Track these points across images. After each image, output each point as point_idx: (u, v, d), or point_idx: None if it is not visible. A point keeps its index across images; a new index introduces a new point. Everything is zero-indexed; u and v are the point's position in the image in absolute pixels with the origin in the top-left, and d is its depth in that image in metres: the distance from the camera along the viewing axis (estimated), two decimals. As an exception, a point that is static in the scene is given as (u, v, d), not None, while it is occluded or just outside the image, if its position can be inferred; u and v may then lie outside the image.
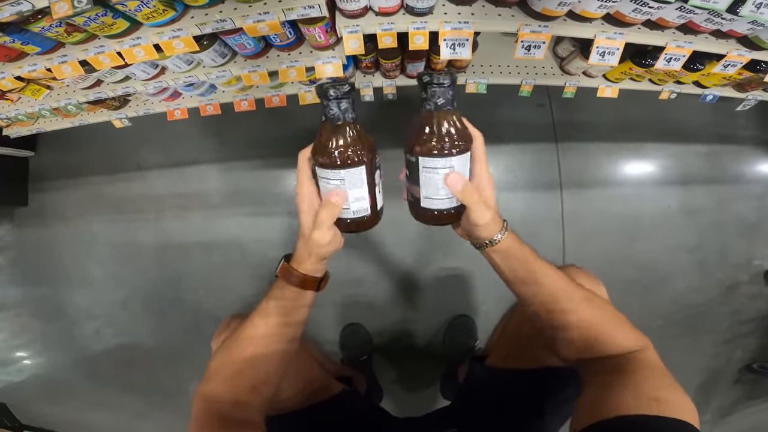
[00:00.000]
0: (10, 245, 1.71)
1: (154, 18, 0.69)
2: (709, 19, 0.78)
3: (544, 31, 0.79)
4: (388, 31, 0.84)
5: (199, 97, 1.21)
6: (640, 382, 0.51)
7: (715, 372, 1.64)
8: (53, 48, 0.82)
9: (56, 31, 0.73)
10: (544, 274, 0.58)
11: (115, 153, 1.63)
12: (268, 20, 0.73)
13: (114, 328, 1.65)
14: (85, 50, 0.79)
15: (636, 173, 1.59)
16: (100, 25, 0.68)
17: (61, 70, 0.84)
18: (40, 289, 1.69)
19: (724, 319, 1.63)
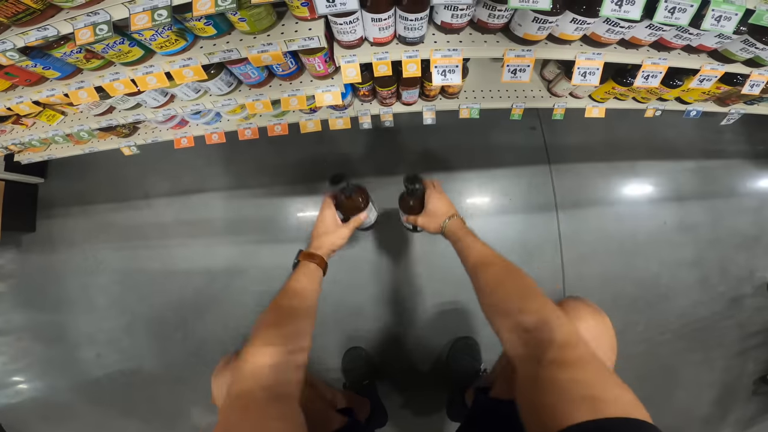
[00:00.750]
0: (15, 271, 1.73)
1: (167, 47, 0.75)
2: (678, 35, 0.84)
3: (528, 54, 0.85)
4: (383, 60, 0.90)
5: (205, 126, 1.27)
6: (567, 382, 0.48)
7: (730, 385, 1.62)
8: (72, 74, 0.88)
9: (77, 57, 0.79)
10: (470, 248, 0.80)
11: (123, 181, 1.68)
12: (271, 51, 0.79)
13: (116, 352, 1.64)
14: (101, 77, 0.85)
15: (629, 191, 1.63)
16: (117, 52, 0.75)
17: (78, 95, 0.90)
18: (44, 314, 1.69)
19: (731, 332, 1.62)
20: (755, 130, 1.72)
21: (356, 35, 0.82)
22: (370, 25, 0.78)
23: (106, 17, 0.63)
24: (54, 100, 1.03)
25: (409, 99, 1.23)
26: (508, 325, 0.62)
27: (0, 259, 1.73)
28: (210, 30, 0.74)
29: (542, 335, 0.56)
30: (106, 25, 0.63)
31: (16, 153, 1.45)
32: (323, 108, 1.27)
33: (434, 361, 1.51)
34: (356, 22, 0.77)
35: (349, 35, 0.82)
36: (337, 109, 1.27)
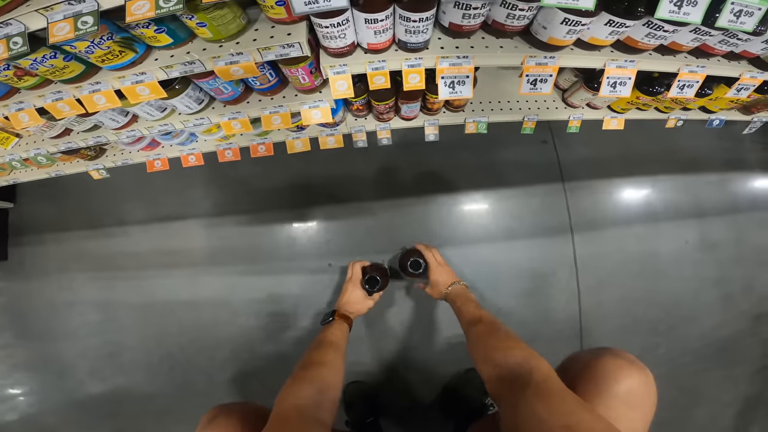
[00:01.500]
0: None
1: (110, 60, 0.61)
2: (723, 40, 0.72)
3: (551, 62, 0.72)
4: (380, 70, 0.77)
5: (180, 147, 1.13)
6: (546, 413, 0.54)
7: (752, 399, 1.52)
8: (8, 93, 0.74)
9: (5, 75, 0.65)
10: (465, 311, 0.96)
11: (96, 206, 1.54)
12: (243, 61, 0.65)
13: (100, 378, 1.51)
14: (41, 96, 0.71)
15: (648, 209, 1.50)
16: (49, 68, 0.60)
17: (18, 118, 0.75)
18: (21, 340, 1.57)
19: (754, 349, 1.53)
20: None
21: (346, 41, 0.69)
22: (364, 27, 0.64)
23: (20, 28, 0.49)
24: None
25: (409, 114, 1.10)
26: (492, 367, 0.70)
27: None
28: (164, 38, 0.60)
29: (522, 372, 0.63)
30: (20, 37, 0.49)
31: (-22, 178, 1.31)
32: (312, 125, 1.13)
33: (439, 394, 1.39)
34: (346, 25, 0.63)
35: (338, 41, 0.68)
36: (328, 126, 1.14)
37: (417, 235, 1.39)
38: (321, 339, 0.95)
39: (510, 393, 0.61)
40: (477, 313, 0.90)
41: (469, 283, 1.42)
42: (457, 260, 1.37)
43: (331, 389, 0.77)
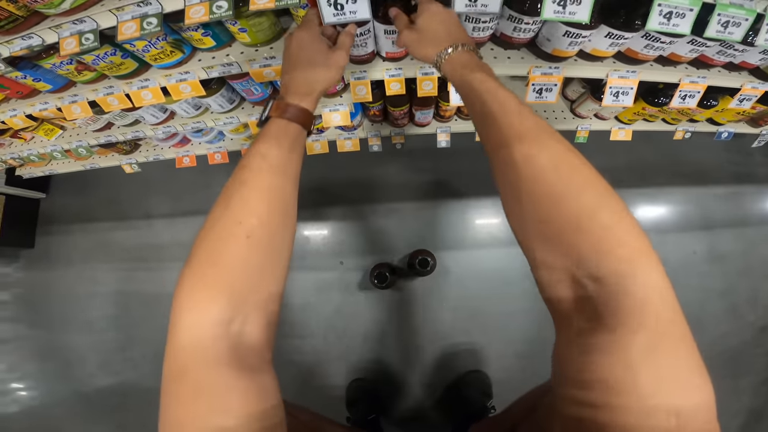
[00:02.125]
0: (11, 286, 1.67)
1: (162, 59, 0.69)
2: (721, 51, 0.76)
3: (556, 72, 0.78)
4: (396, 77, 0.84)
5: (208, 144, 1.21)
6: (650, 383, 0.30)
7: (756, 411, 1.50)
8: (64, 86, 0.83)
9: (67, 69, 0.73)
10: (499, 102, 0.45)
11: (124, 199, 1.63)
12: (275, 65, 0.73)
13: (109, 371, 1.56)
14: (94, 90, 0.80)
15: (656, 219, 1.52)
16: (108, 64, 0.69)
17: (71, 110, 0.84)
18: (37, 331, 1.63)
19: (759, 360, 1.51)
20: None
21: (367, 49, 0.76)
22: (383, 38, 0.72)
23: (93, 25, 0.57)
24: (47, 114, 0.98)
25: (423, 120, 1.16)
26: (560, 264, 0.36)
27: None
28: (208, 41, 0.68)
29: (630, 298, 0.32)
30: (92, 34, 0.57)
31: (17, 167, 1.41)
32: (331, 128, 1.21)
33: (441, 393, 1.40)
34: (368, 35, 0.70)
35: (360, 49, 0.75)
36: (346, 130, 1.21)
37: (426, 238, 1.44)
38: (241, 166, 0.47)
39: (596, 328, 0.33)
40: (534, 123, 0.42)
41: (476, 286, 1.46)
42: (465, 264, 1.41)
43: (262, 301, 0.42)
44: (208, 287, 0.39)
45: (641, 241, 0.34)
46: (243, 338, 0.39)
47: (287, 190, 0.48)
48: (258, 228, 0.42)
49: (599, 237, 0.34)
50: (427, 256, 1.23)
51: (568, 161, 0.39)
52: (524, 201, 0.39)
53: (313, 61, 0.56)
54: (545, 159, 0.39)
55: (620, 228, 0.35)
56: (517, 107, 0.44)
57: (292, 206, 0.49)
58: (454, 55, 0.54)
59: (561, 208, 0.36)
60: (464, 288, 1.42)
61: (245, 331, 0.40)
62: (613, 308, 0.32)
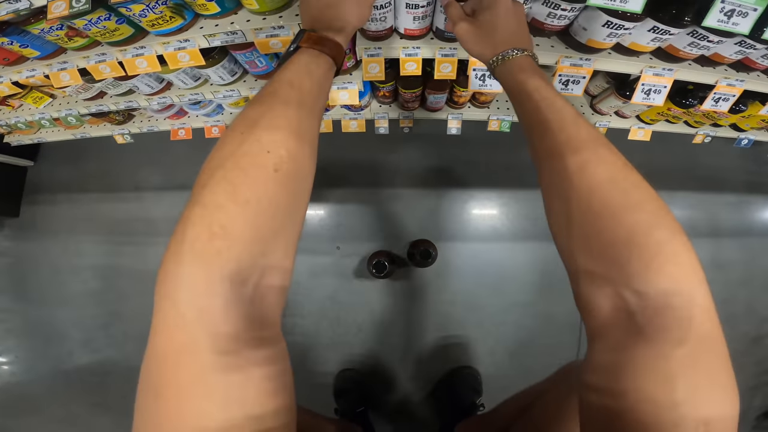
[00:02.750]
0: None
1: (160, 26, 0.62)
2: (766, 55, 0.71)
3: (586, 65, 0.72)
4: (413, 56, 0.77)
5: (205, 118, 1.15)
6: (684, 389, 0.30)
7: (740, 415, 1.52)
8: (54, 53, 0.76)
9: (57, 35, 0.66)
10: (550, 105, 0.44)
11: (115, 170, 1.56)
12: (283, 35, 0.66)
13: (91, 348, 1.53)
14: (86, 57, 0.73)
15: (663, 223, 1.50)
16: (102, 30, 0.62)
17: (59, 77, 0.77)
18: (18, 303, 1.58)
19: (747, 369, 1.53)
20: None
21: (386, 24, 0.69)
22: (404, 12, 0.65)
23: (83, -16, 0.50)
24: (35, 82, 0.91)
25: (435, 105, 1.10)
26: (606, 275, 0.35)
27: (-23, 243, 1.62)
28: (212, 7, 0.61)
29: (676, 314, 0.31)
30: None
31: (4, 135, 1.34)
32: (336, 107, 1.14)
33: (431, 388, 1.40)
34: (388, 8, 0.63)
35: (378, 23, 0.69)
36: (353, 110, 1.15)
37: (428, 227, 1.39)
38: (267, 92, 0.40)
39: (636, 341, 0.32)
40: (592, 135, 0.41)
41: (475, 280, 1.44)
42: (465, 255, 1.38)
43: (278, 263, 0.34)
44: (226, 232, 0.30)
45: (692, 260, 0.34)
46: (258, 303, 0.32)
47: (314, 127, 0.42)
48: (287, 162, 0.35)
49: (652, 254, 0.33)
50: (429, 247, 1.19)
51: (625, 176, 0.37)
52: (575, 212, 0.38)
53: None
54: (602, 172, 0.37)
55: (674, 246, 0.34)
56: (574, 118, 0.42)
57: (316, 144, 0.43)
58: (514, 59, 0.50)
59: (616, 222, 0.35)
60: (461, 281, 1.39)
61: (261, 293, 0.32)
62: (656, 323, 0.32)
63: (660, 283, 0.32)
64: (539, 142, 0.44)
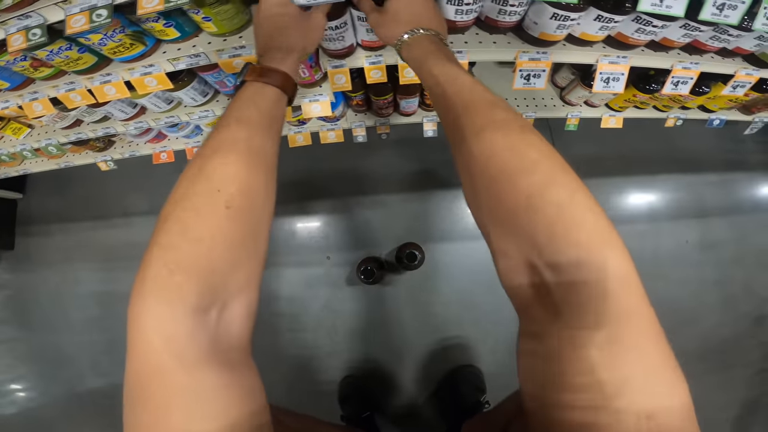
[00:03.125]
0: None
1: (122, 53, 0.64)
2: (714, 36, 0.73)
3: (544, 58, 0.74)
4: (376, 64, 0.79)
5: (185, 139, 1.16)
6: (624, 380, 0.28)
7: (751, 403, 1.51)
8: (23, 83, 0.78)
9: (22, 66, 0.68)
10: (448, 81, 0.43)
11: (103, 197, 1.58)
12: (245, 55, 0.68)
13: (99, 372, 1.54)
14: (55, 86, 0.75)
15: (648, 208, 1.51)
16: (65, 59, 0.64)
17: (32, 108, 0.79)
18: (23, 332, 1.60)
19: (754, 351, 1.52)
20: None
21: (345, 42, 0.71)
22: (359, 24, 0.67)
23: (40, 20, 0.52)
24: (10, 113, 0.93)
25: (408, 109, 1.12)
26: (516, 249, 0.33)
27: (-23, 277, 1.63)
28: (172, 32, 0.63)
29: (590, 290, 0.29)
30: (39, 29, 0.52)
31: (-10, 168, 1.36)
32: (313, 120, 1.16)
33: (434, 390, 1.40)
34: (344, 28, 0.65)
35: (337, 43, 0.71)
36: (329, 121, 1.17)
37: (415, 230, 1.41)
38: (216, 129, 0.42)
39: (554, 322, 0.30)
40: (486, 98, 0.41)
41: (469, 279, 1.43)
42: (457, 255, 1.39)
43: (242, 287, 0.37)
44: (182, 268, 0.32)
45: (599, 221, 0.31)
46: (223, 329, 0.34)
47: (268, 152, 0.43)
48: (238, 196, 0.36)
49: (552, 218, 0.31)
50: (415, 249, 1.21)
51: (525, 140, 0.36)
52: (477, 184, 0.37)
53: (287, 25, 0.52)
54: (501, 139, 0.36)
55: (574, 207, 0.31)
56: (471, 87, 0.42)
57: (273, 170, 0.44)
58: (415, 38, 0.51)
59: (512, 186, 0.33)
60: (454, 281, 1.40)
61: (225, 319, 0.34)
62: (570, 301, 0.29)
63: (568, 253, 0.29)
64: (444, 119, 0.44)
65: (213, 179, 0.37)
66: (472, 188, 0.39)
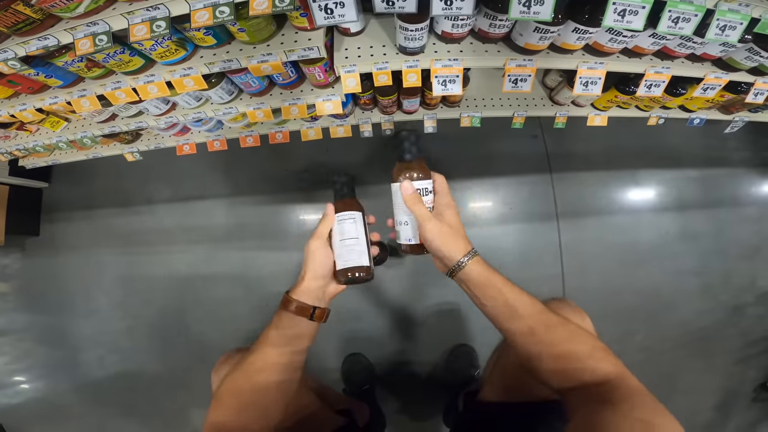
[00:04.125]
0: (19, 273, 1.75)
1: (167, 57, 0.75)
2: (681, 44, 0.83)
3: (529, 64, 0.84)
4: (383, 69, 0.90)
5: (207, 133, 1.27)
6: (628, 408, 0.50)
7: (731, 392, 1.62)
8: (74, 82, 0.89)
9: (78, 66, 0.79)
10: (517, 301, 0.59)
11: (126, 187, 1.69)
12: (271, 61, 0.79)
13: (117, 355, 1.65)
14: (103, 85, 0.86)
15: (631, 201, 1.62)
16: (117, 62, 0.75)
17: (80, 103, 0.90)
18: (46, 317, 1.71)
19: (734, 340, 1.62)
20: (759, 138, 1.71)
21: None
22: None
23: (106, 28, 0.63)
24: (57, 108, 1.03)
25: (410, 108, 1.23)
26: (564, 381, 0.57)
27: (4, 260, 1.75)
28: (210, 40, 0.74)
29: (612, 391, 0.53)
30: (105, 35, 0.63)
31: (20, 158, 1.46)
32: (324, 116, 1.27)
33: (432, 367, 1.51)
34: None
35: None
36: (338, 118, 1.27)
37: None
38: (250, 357, 0.64)
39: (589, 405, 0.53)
40: (542, 311, 0.60)
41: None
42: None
43: (268, 413, 0.63)
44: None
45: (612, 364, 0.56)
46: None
47: (284, 375, 0.64)
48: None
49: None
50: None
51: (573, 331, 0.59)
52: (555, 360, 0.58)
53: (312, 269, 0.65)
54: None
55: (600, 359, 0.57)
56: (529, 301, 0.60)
57: (284, 395, 0.65)
58: (470, 262, 0.61)
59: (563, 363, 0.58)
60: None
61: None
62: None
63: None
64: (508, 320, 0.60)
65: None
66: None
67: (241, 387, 0.62)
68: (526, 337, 0.58)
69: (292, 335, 0.64)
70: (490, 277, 0.60)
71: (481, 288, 0.60)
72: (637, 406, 0.50)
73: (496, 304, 0.60)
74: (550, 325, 0.58)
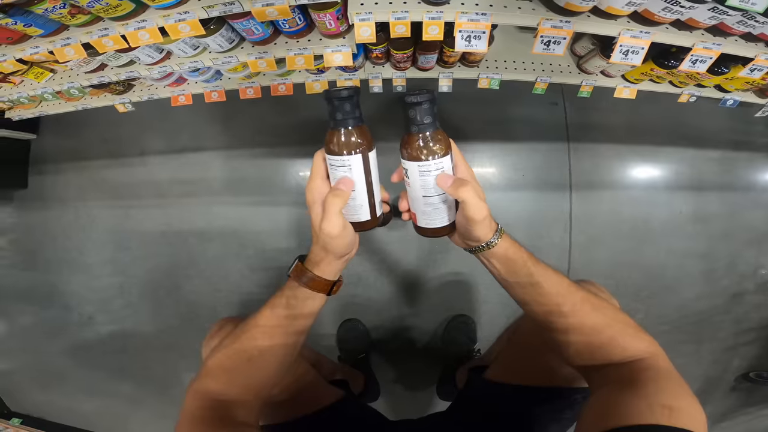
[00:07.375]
0: (6, 228, 1.69)
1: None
2: (742, 21, 0.74)
3: (566, 27, 0.75)
4: (402, 19, 0.80)
5: (204, 84, 1.18)
6: (653, 392, 0.48)
7: (712, 379, 1.64)
8: (56, 30, 0.80)
9: (60, 13, 0.70)
10: (543, 276, 0.56)
11: (118, 138, 1.60)
12: (278, 4, 0.70)
13: (109, 314, 1.64)
14: (89, 33, 0.76)
15: (648, 177, 1.56)
16: (104, 6, 0.66)
17: (64, 52, 0.81)
18: (35, 273, 1.67)
19: (726, 327, 1.62)
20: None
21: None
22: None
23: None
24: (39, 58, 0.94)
25: (426, 64, 1.14)
26: (604, 361, 0.55)
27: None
28: (209, -21, 0.64)
29: (633, 370, 0.52)
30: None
31: (5, 110, 1.37)
32: (332, 69, 1.17)
33: (429, 337, 1.52)
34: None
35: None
36: (347, 71, 1.18)
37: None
38: (248, 333, 0.60)
39: (612, 384, 0.52)
40: (569, 282, 0.58)
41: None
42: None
43: (262, 384, 0.60)
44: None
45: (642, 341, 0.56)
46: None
47: (284, 339, 0.59)
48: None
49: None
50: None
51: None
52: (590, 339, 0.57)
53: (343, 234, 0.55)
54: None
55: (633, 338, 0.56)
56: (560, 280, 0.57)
57: (286, 362, 0.62)
58: (500, 239, 0.55)
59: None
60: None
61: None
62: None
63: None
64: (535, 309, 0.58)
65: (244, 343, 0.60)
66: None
67: (235, 351, 0.58)
68: (552, 314, 0.56)
69: (302, 308, 0.59)
70: (517, 251, 0.56)
71: (507, 263, 0.56)
72: (662, 390, 0.48)
73: (520, 280, 0.56)
74: (578, 301, 0.55)
